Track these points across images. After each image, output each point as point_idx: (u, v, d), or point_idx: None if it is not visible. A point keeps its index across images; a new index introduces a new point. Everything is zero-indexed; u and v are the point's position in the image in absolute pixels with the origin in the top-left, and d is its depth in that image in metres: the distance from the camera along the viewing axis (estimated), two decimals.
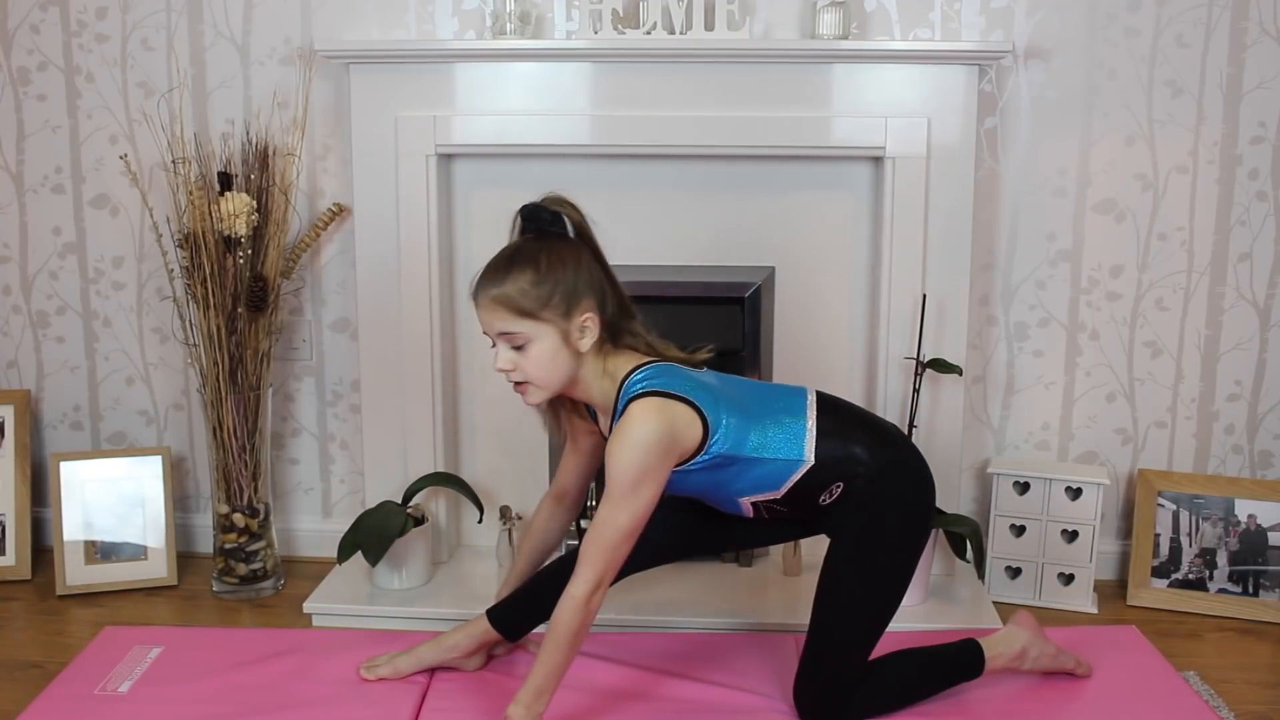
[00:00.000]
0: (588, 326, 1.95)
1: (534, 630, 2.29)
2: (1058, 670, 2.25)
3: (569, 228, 2.00)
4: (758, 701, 2.18)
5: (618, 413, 1.96)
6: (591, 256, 2.01)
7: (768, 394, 2.08)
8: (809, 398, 2.06)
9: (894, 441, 2.09)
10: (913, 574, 2.09)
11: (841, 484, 2.01)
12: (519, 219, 2.02)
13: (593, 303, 1.96)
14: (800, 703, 2.09)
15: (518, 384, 1.99)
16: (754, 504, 2.06)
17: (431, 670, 2.27)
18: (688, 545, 2.31)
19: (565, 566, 2.22)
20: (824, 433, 2.01)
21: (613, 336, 2.02)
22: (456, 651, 2.24)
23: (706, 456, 1.97)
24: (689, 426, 1.94)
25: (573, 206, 2.02)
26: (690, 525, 2.25)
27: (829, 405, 2.08)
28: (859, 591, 2.05)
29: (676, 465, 1.97)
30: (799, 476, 2.00)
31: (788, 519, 2.11)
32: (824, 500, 2.03)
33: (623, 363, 2.00)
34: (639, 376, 1.96)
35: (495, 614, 2.26)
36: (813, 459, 1.99)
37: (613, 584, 2.01)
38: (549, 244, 1.97)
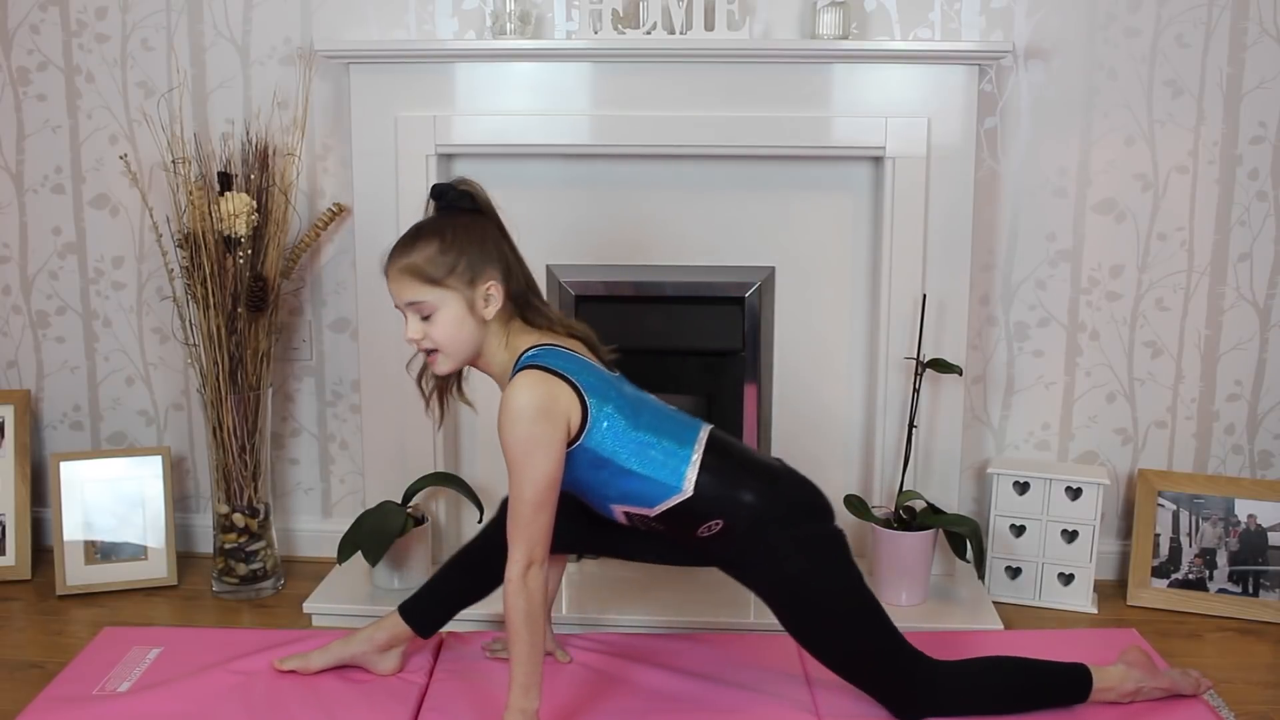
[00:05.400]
0: (491, 295, 2.00)
1: (445, 628, 2.30)
2: (1174, 693, 2.19)
3: (476, 205, 2.06)
4: (757, 699, 2.18)
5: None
6: (497, 233, 2.06)
7: (663, 414, 2.07)
8: (701, 432, 2.06)
9: (778, 478, 2.09)
10: (854, 568, 2.07)
11: (721, 521, 2.02)
12: (430, 198, 2.09)
13: (496, 274, 2.01)
14: (884, 705, 2.09)
15: (429, 353, 2.04)
16: (626, 514, 2.05)
17: (346, 666, 2.26)
18: (582, 539, 2.27)
19: (471, 554, 2.26)
20: (708, 468, 2.01)
21: (521, 315, 2.06)
22: (369, 646, 2.24)
23: (583, 448, 1.97)
24: (568, 402, 1.95)
25: (480, 187, 2.08)
26: (586, 523, 2.22)
27: (719, 444, 2.07)
28: (824, 621, 2.06)
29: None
30: (674, 503, 2.00)
31: (668, 539, 2.11)
32: (703, 533, 2.04)
33: (524, 340, 2.04)
34: (530, 354, 2.00)
35: (407, 609, 2.25)
36: (691, 490, 2.00)
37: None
38: (455, 218, 2.04)
